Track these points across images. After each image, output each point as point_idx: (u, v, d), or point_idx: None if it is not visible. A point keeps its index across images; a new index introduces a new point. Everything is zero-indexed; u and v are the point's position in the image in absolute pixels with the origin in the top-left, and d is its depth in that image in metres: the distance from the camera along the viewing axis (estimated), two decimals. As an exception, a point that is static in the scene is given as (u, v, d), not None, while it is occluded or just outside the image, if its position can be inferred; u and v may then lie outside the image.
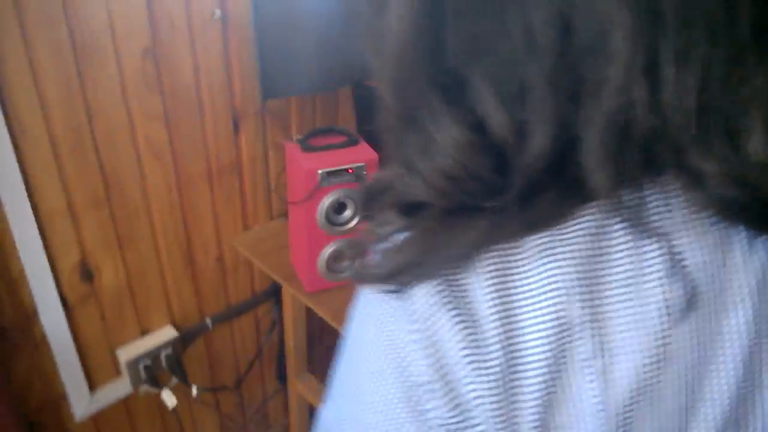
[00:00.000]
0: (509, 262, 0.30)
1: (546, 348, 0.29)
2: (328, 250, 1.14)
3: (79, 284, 1.13)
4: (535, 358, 0.29)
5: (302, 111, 1.35)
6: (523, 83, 0.27)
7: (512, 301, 0.29)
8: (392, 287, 0.31)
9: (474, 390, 0.30)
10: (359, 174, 1.09)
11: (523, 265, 0.29)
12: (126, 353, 1.24)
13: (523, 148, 0.28)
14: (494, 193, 0.29)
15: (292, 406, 1.66)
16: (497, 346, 0.29)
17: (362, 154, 1.09)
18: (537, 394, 0.29)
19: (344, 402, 0.36)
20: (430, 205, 0.32)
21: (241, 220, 1.36)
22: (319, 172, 1.05)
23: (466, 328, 0.30)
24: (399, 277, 0.31)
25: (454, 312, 0.30)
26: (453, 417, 0.31)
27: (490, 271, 0.30)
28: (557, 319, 0.29)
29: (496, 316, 0.29)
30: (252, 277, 1.44)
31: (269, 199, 1.39)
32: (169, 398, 1.25)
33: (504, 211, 0.29)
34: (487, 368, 0.30)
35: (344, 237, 1.14)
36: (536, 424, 0.30)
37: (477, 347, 0.29)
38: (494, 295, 0.29)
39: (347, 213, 1.14)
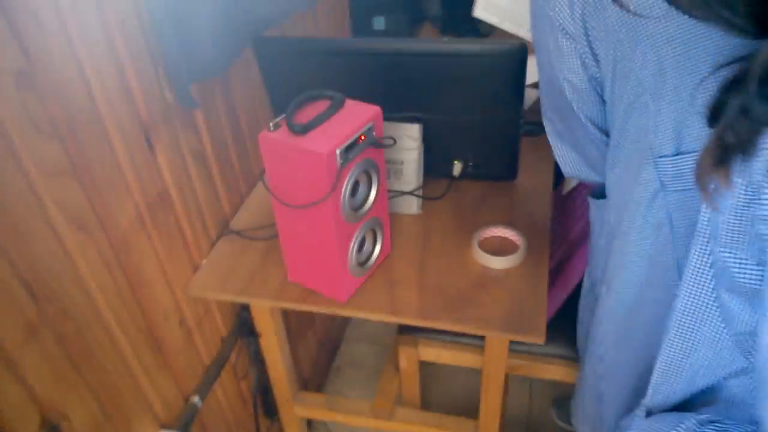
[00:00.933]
0: None
1: None
2: (355, 242, 0.91)
3: (52, 452, 0.75)
4: None
5: (204, 101, 1.02)
6: None
7: None
8: None
9: None
10: (370, 137, 0.86)
11: None
12: (135, 497, 0.88)
13: None
14: None
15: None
16: None
17: (363, 113, 0.86)
18: None
19: None
20: None
21: (188, 261, 1.02)
22: (338, 151, 0.80)
23: None
24: None
25: None
26: None
27: None
28: None
29: None
30: (216, 324, 1.13)
31: (204, 220, 1.06)
32: None
33: None
34: None
35: (364, 221, 0.92)
36: None
37: None
38: None
39: (362, 189, 0.91)
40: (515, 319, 0.91)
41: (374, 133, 0.86)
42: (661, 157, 0.69)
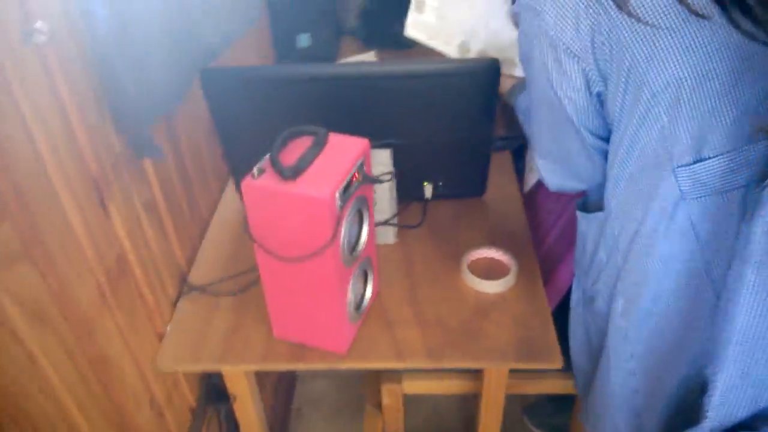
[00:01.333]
0: None
1: None
2: (352, 287, 0.83)
3: None
4: None
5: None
6: None
7: None
8: None
9: None
10: (363, 173, 0.78)
11: None
12: None
13: None
14: None
15: (271, 495, 1.29)
16: None
17: (352, 148, 0.78)
18: None
19: None
20: None
21: (152, 330, 0.88)
22: (337, 194, 0.71)
23: None
24: None
25: None
26: None
27: None
28: None
29: None
30: (185, 394, 0.99)
31: (162, 280, 0.93)
32: None
33: None
34: None
35: (359, 262, 0.84)
36: None
37: None
38: None
39: (355, 229, 0.83)
40: (527, 346, 0.87)
41: (364, 167, 0.79)
42: (680, 166, 0.68)
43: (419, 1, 1.08)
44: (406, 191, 1.08)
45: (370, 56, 1.76)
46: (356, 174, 0.76)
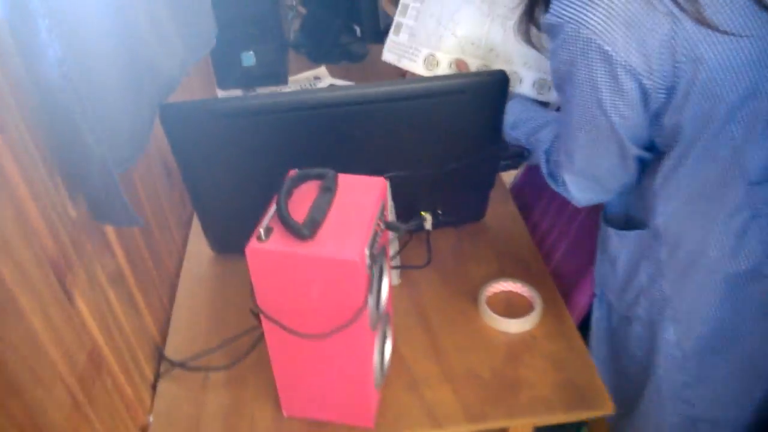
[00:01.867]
0: None
1: None
2: (378, 350, 0.71)
3: None
4: None
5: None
6: None
7: None
8: None
9: None
10: (384, 221, 0.66)
11: None
12: None
13: None
14: None
15: None
16: None
17: (369, 191, 0.66)
18: None
19: None
20: None
21: (134, 426, 0.72)
22: (367, 252, 0.59)
23: None
24: None
25: None
26: None
27: None
28: None
29: None
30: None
31: (138, 363, 0.77)
32: None
33: None
34: None
35: (381, 321, 0.72)
36: None
37: None
38: None
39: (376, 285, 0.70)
40: (573, 392, 0.77)
41: (384, 212, 0.67)
42: (755, 184, 0.63)
43: (398, 22, 1.00)
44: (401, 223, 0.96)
45: (321, 71, 1.63)
46: (379, 222, 0.64)
